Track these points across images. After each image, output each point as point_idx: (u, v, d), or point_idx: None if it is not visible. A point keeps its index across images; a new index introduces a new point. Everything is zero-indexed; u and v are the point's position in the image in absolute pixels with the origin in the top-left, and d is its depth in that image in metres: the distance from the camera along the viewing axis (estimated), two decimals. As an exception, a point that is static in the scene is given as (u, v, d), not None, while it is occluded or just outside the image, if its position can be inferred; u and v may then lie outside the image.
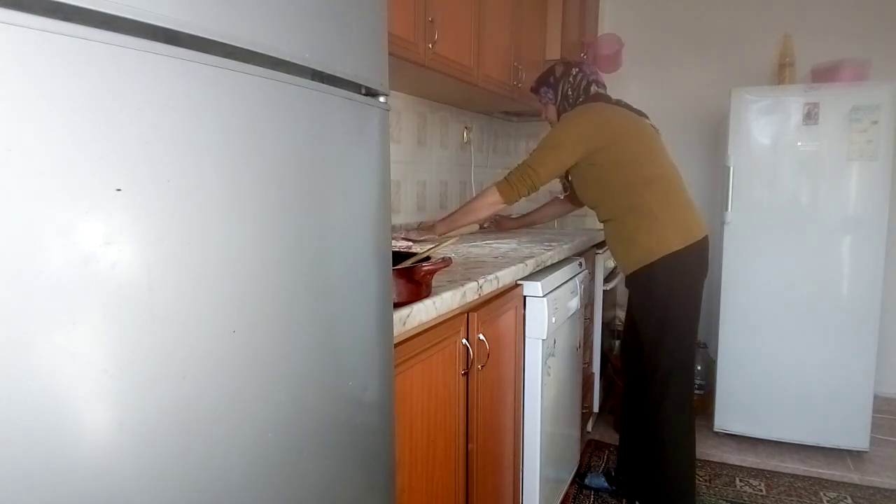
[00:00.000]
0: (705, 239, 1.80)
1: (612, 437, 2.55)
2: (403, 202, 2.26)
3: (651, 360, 1.82)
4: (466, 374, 1.25)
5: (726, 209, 2.49)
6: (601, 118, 1.79)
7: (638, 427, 1.97)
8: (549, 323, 1.58)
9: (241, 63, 0.53)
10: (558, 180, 2.18)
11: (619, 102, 1.88)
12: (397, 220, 2.21)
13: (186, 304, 0.49)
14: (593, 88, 1.90)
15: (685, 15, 3.11)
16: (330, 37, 0.65)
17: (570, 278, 1.87)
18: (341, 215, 0.68)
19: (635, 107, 1.90)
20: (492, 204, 1.87)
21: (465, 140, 2.73)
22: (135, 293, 0.45)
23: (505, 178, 1.85)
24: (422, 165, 2.38)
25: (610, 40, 2.79)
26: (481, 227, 2.56)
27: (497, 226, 2.56)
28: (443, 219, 1.97)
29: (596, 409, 2.56)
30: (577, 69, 1.94)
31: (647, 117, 1.91)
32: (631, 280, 1.84)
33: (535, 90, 2.03)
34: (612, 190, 1.79)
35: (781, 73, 2.69)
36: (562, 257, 1.88)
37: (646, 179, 1.74)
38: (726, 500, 2.10)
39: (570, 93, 1.93)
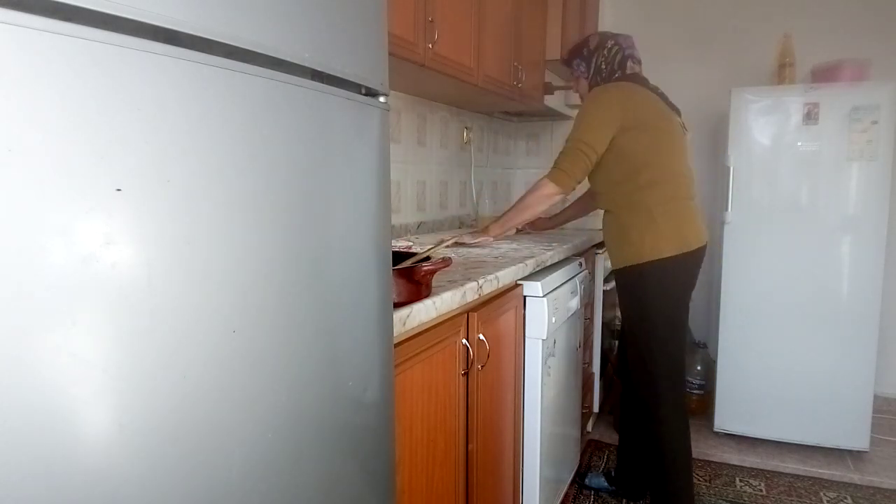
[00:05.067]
0: (700, 249, 1.77)
1: (612, 437, 2.55)
2: (403, 202, 2.26)
3: (640, 362, 1.82)
4: (466, 374, 1.25)
5: (726, 209, 2.49)
6: (632, 98, 1.71)
7: (635, 427, 1.97)
8: (549, 323, 1.58)
9: (241, 63, 0.53)
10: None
11: (655, 90, 1.79)
12: (397, 220, 2.21)
13: (186, 305, 0.49)
14: (629, 64, 1.81)
15: (685, 15, 3.11)
16: (330, 37, 0.65)
17: (570, 278, 1.87)
18: (341, 215, 0.68)
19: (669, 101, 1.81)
20: (547, 196, 1.78)
21: (465, 140, 2.73)
22: (135, 293, 0.45)
23: (554, 167, 1.77)
24: (422, 165, 2.38)
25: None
26: (517, 230, 2.41)
27: (532, 227, 2.44)
28: (496, 220, 1.91)
29: (596, 409, 2.56)
30: (613, 41, 1.83)
31: (679, 113, 1.84)
32: (618, 275, 1.84)
33: (567, 62, 1.95)
34: (616, 181, 1.75)
35: (781, 73, 2.69)
36: (562, 257, 1.88)
37: (653, 179, 1.71)
38: (726, 500, 2.10)
39: (603, 66, 1.83)
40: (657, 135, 1.72)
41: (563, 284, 1.75)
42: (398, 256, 1.09)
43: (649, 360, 1.79)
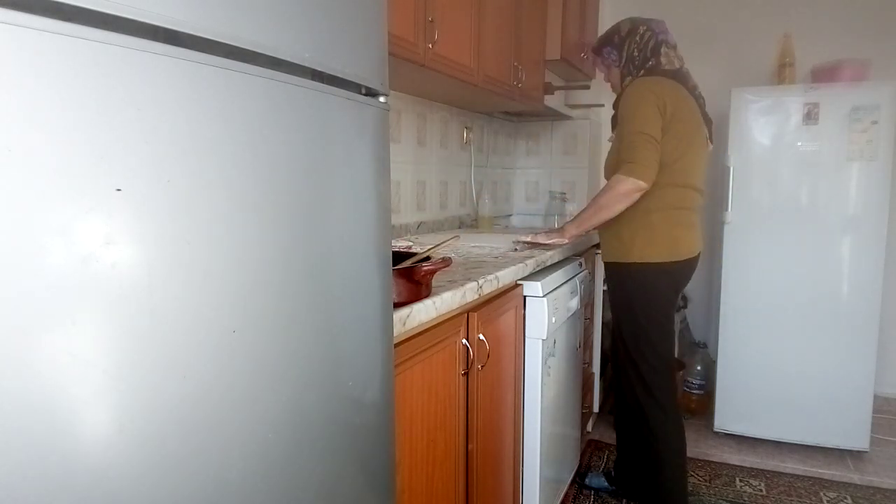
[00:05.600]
0: (691, 260, 1.78)
1: (612, 437, 2.55)
2: (403, 202, 2.26)
3: (629, 362, 1.83)
4: (466, 374, 1.25)
5: (726, 209, 2.49)
6: (672, 99, 1.67)
7: (629, 427, 1.98)
8: (549, 323, 1.58)
9: (242, 63, 0.53)
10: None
11: (694, 90, 1.76)
12: (397, 220, 2.21)
13: (187, 304, 0.49)
14: (663, 50, 1.75)
15: (685, 15, 3.11)
16: (330, 37, 0.65)
17: (570, 278, 1.87)
18: (341, 215, 0.68)
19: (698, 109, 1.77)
20: (626, 193, 1.65)
21: (465, 140, 2.73)
22: (135, 293, 0.45)
23: (627, 161, 1.65)
24: (422, 165, 2.38)
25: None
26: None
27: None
28: (573, 220, 1.83)
29: (596, 409, 2.56)
30: (645, 27, 1.78)
31: (710, 124, 1.82)
32: (606, 268, 1.87)
33: (597, 51, 1.89)
34: None
35: (781, 73, 2.69)
36: (562, 257, 1.88)
37: (662, 184, 1.69)
38: (726, 500, 2.10)
39: (636, 54, 1.77)
40: (683, 141, 1.70)
41: (563, 284, 1.75)
42: (398, 256, 1.09)
43: (639, 359, 1.80)
